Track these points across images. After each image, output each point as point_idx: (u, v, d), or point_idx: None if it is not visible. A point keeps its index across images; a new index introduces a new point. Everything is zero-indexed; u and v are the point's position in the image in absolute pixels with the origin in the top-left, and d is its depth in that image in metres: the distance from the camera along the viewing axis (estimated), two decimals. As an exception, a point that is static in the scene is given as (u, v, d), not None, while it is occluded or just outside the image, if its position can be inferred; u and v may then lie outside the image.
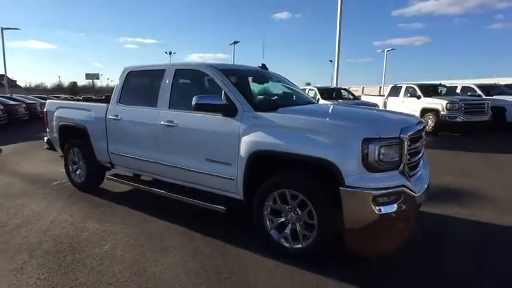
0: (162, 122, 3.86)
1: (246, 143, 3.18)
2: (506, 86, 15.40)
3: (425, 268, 2.93)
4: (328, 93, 13.25)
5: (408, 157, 2.87)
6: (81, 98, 10.84)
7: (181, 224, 3.85)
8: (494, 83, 15.63)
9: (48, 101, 5.76)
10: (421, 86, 13.14)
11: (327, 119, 3.01)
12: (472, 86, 14.25)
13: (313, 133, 2.88)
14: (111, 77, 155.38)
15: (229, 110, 3.35)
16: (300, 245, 3.00)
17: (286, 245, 3.08)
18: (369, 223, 2.73)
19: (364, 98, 15.88)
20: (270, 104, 3.65)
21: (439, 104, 11.64)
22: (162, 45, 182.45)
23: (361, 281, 2.71)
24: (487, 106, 11.68)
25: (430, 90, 13.07)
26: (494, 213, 4.19)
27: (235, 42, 35.81)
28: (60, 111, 5.29)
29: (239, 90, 3.52)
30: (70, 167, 5.28)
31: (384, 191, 2.68)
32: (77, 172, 5.21)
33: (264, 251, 3.18)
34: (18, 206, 4.50)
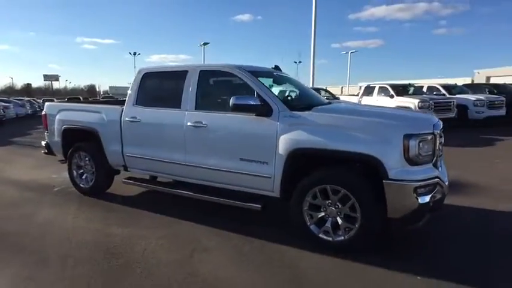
0: (188, 123, 3.86)
1: (286, 141, 3.29)
2: (465, 85, 16.75)
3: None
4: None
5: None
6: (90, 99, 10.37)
7: (207, 224, 3.85)
8: (455, 83, 16.92)
9: (47, 103, 5.47)
10: (393, 86, 13.92)
11: (368, 117, 3.21)
12: (437, 86, 15.34)
13: (356, 131, 3.06)
14: (69, 79, 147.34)
15: (264, 110, 3.44)
16: (342, 238, 3.16)
17: (328, 238, 3.23)
18: (409, 212, 2.96)
19: (342, 98, 16.48)
20: (301, 103, 3.77)
21: (411, 102, 12.41)
22: (120, 45, 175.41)
23: (410, 259, 2.93)
24: (453, 104, 12.66)
25: (401, 90, 13.88)
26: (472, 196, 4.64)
27: (205, 44, 35.55)
28: (63, 114, 5.06)
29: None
30: (74, 172, 5.06)
31: (422, 182, 2.91)
32: (83, 177, 5.01)
33: (303, 245, 3.30)
34: (27, 215, 4.25)
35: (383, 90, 13.96)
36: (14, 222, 4.01)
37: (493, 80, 34.76)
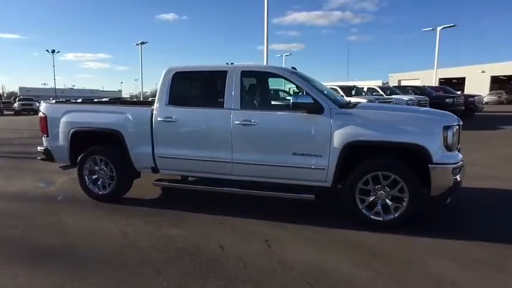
0: (236, 122, 4.00)
1: (341, 135, 3.68)
2: (395, 87, 19.15)
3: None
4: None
5: (458, 139, 3.88)
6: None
7: (255, 218, 4.02)
8: (389, 86, 19.21)
9: (45, 104, 4.97)
10: (341, 87, 15.26)
11: (411, 113, 3.78)
12: (375, 87, 17.26)
13: (404, 124, 3.62)
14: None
15: (315, 108, 3.78)
16: (392, 216, 3.68)
17: (378, 218, 3.71)
18: (446, 190, 3.61)
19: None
20: (343, 101, 4.19)
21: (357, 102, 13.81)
22: (25, 41, 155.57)
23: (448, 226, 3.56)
24: (393, 103, 14.46)
25: (347, 90, 15.31)
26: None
27: (142, 43, 33.82)
28: (71, 116, 4.69)
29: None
30: (86, 177, 4.73)
31: (455, 165, 3.59)
32: (98, 182, 4.71)
33: (355, 227, 3.73)
34: (61, 228, 3.90)
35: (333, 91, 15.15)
36: (57, 236, 3.64)
37: (403, 83, 40.00)
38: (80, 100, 10.98)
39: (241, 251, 3.23)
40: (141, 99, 36.91)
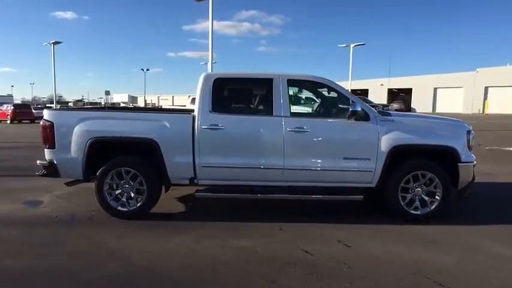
0: (288, 129, 4.07)
1: (387, 140, 4.08)
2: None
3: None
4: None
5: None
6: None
7: (309, 221, 4.15)
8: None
9: (51, 111, 4.21)
10: None
11: (440, 120, 4.38)
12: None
13: (437, 130, 4.23)
14: None
15: (363, 116, 4.12)
16: (428, 210, 4.21)
17: (417, 212, 4.21)
18: (467, 184, 4.29)
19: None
20: (376, 110, 4.59)
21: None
22: None
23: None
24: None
25: None
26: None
27: (56, 43, 29.68)
28: (89, 123, 4.09)
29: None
30: (106, 194, 4.17)
31: (474, 162, 4.32)
32: (123, 198, 4.19)
33: (399, 221, 4.16)
34: (105, 250, 3.38)
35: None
36: (117, 262, 3.15)
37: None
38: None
39: (328, 253, 3.33)
40: (55, 104, 32.65)
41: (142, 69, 56.70)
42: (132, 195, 4.19)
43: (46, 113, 4.20)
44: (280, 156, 4.11)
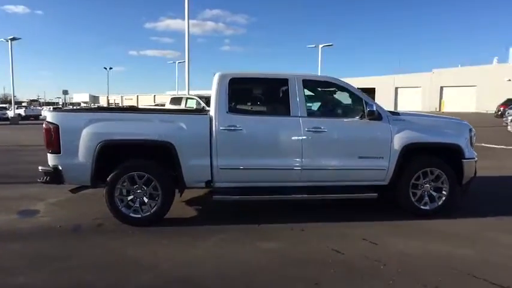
0: (306, 129, 4.08)
1: (400, 138, 4.21)
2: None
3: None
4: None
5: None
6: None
7: (325, 220, 4.20)
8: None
9: (55, 113, 3.90)
10: (200, 97, 14.30)
11: (445, 119, 4.59)
12: None
13: (444, 128, 4.44)
14: None
15: (376, 115, 4.22)
16: (437, 205, 4.41)
17: (426, 208, 4.39)
18: (470, 178, 4.54)
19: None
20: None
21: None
22: None
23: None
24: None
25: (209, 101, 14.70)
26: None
27: (13, 39, 27.39)
28: (99, 125, 3.84)
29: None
30: (117, 200, 3.94)
31: (476, 159, 4.58)
32: (136, 204, 3.98)
33: (411, 216, 4.33)
34: (130, 260, 3.18)
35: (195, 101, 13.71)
36: (148, 272, 2.97)
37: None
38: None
39: (358, 252, 3.38)
40: (13, 104, 30.30)
41: (105, 68, 54.29)
42: (146, 200, 3.99)
43: (50, 115, 3.87)
44: (299, 156, 4.11)
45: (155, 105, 36.70)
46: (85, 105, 55.44)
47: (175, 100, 13.56)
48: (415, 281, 2.84)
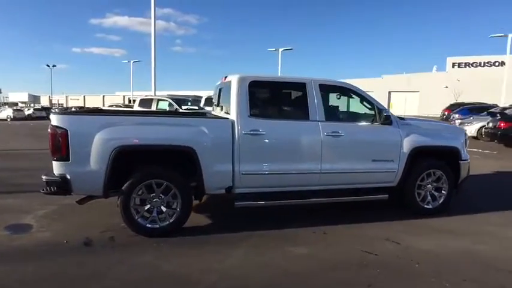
0: (325, 133, 4.12)
1: (408, 142, 4.43)
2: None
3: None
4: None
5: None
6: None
7: (342, 223, 4.27)
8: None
9: (63, 116, 3.49)
10: (173, 99, 14.00)
11: (443, 124, 4.91)
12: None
13: (444, 132, 4.75)
14: None
15: (388, 120, 4.41)
16: (438, 203, 4.71)
17: (429, 207, 4.67)
18: (464, 178, 4.92)
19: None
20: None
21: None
22: None
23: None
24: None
25: (182, 102, 13.96)
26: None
27: None
28: (114, 130, 3.53)
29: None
30: (133, 210, 3.66)
31: (469, 160, 4.96)
32: (153, 214, 3.72)
33: (417, 216, 4.57)
34: (164, 274, 2.94)
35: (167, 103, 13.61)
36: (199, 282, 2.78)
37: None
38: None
39: (389, 252, 3.49)
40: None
41: (48, 66, 50.13)
42: (164, 209, 3.75)
43: (56, 118, 3.47)
44: (318, 160, 4.14)
45: (109, 106, 34.78)
46: (22, 105, 50.69)
47: (145, 102, 12.95)
48: (454, 277, 3.00)
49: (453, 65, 43.71)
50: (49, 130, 3.47)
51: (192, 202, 3.89)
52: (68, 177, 3.48)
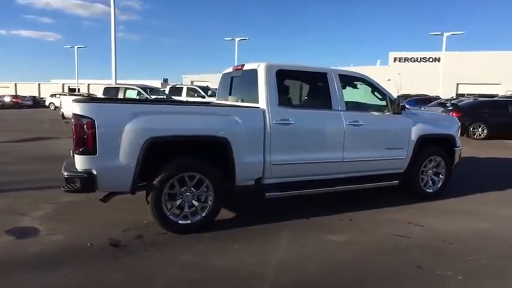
0: (347, 123, 4.20)
1: (416, 130, 4.70)
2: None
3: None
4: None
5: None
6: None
7: (358, 209, 4.40)
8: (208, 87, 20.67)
9: (89, 104, 3.09)
10: (142, 88, 13.68)
11: (442, 114, 5.26)
12: (196, 88, 17.99)
13: (442, 121, 5.11)
14: None
15: (402, 109, 4.63)
16: (437, 187, 5.09)
17: (430, 191, 5.03)
18: (457, 162, 5.37)
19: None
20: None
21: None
22: None
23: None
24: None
25: (151, 91, 13.80)
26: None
27: None
28: (147, 120, 3.24)
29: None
30: (165, 205, 3.41)
31: (461, 146, 5.42)
32: (185, 209, 3.50)
33: (421, 200, 4.91)
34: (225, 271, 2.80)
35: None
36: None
37: (196, 84, 43.70)
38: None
39: (420, 235, 3.71)
40: None
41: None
42: (196, 204, 3.55)
43: (80, 107, 3.06)
44: (341, 149, 4.22)
45: (51, 95, 31.60)
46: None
47: (110, 90, 12.01)
48: (488, 255, 3.26)
49: (394, 59, 47.03)
50: (73, 121, 3.06)
51: (224, 195, 3.74)
52: (94, 172, 3.12)
